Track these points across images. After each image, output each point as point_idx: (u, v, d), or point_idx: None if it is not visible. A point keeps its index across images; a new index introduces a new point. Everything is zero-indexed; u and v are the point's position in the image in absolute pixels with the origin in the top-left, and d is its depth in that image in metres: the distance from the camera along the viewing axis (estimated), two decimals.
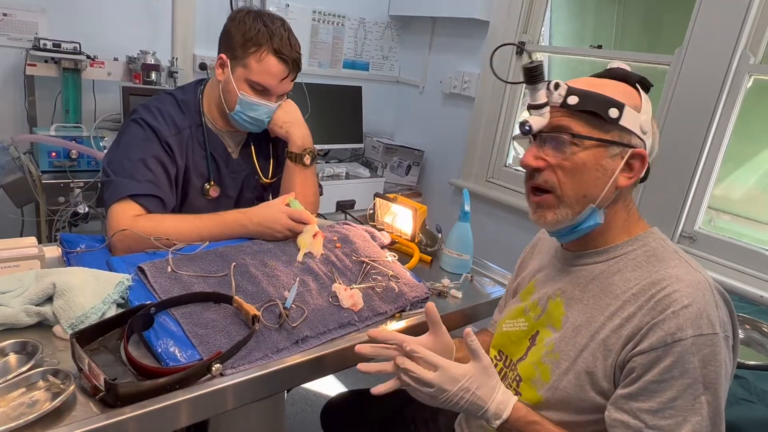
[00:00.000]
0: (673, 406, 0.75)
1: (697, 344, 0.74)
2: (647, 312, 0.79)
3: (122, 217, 1.21)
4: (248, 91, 1.32)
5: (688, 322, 0.75)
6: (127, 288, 1.01)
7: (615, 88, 0.85)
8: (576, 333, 0.87)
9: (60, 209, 1.84)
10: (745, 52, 1.84)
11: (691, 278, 0.79)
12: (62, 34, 2.04)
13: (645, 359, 0.77)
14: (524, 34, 2.60)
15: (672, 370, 0.75)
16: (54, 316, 0.92)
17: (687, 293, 0.77)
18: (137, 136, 1.29)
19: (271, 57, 1.29)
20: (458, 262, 1.42)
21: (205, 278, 1.09)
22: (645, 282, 0.82)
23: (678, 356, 0.74)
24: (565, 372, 0.86)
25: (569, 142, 0.83)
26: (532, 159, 0.86)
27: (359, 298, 1.12)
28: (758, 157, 2.05)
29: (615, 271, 0.87)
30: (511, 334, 1.01)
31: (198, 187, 1.40)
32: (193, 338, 0.92)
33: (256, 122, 1.37)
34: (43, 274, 0.97)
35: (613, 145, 0.83)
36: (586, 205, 0.85)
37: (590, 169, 0.83)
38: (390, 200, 1.49)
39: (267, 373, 0.90)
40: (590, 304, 0.88)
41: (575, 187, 0.84)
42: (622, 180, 0.84)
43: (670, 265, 0.82)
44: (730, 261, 1.90)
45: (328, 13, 2.87)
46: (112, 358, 0.85)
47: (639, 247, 0.87)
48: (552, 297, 0.95)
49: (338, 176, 2.78)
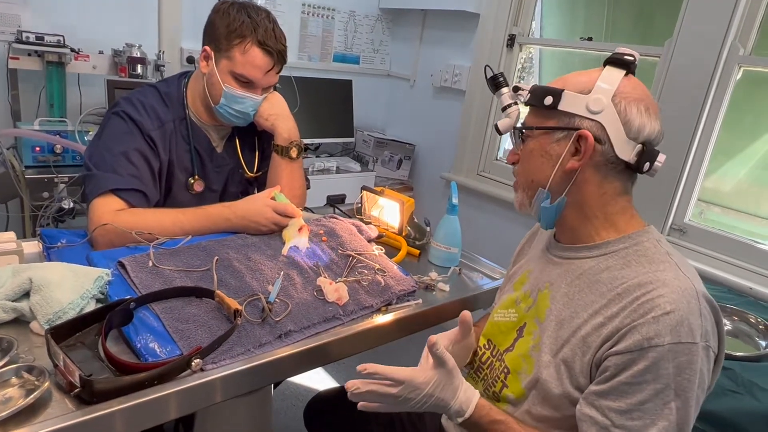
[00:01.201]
0: (642, 409, 0.75)
1: (674, 351, 0.74)
2: (629, 314, 0.78)
3: (104, 211, 1.19)
4: (233, 83, 1.30)
5: (668, 328, 0.74)
6: (107, 283, 0.99)
7: (580, 74, 0.87)
8: (559, 327, 0.87)
9: (44, 205, 1.81)
10: (735, 44, 1.83)
11: (678, 284, 0.78)
12: (46, 26, 2.01)
13: (620, 360, 0.76)
14: (515, 27, 2.58)
15: (645, 374, 0.74)
16: (31, 312, 0.90)
17: (671, 299, 0.75)
18: (119, 129, 1.27)
19: (255, 49, 1.27)
20: (446, 255, 1.41)
21: (187, 273, 1.07)
22: (631, 282, 0.81)
23: (652, 361, 0.74)
24: (547, 365, 0.86)
25: (519, 134, 0.92)
26: (510, 155, 0.96)
27: (344, 292, 1.11)
28: (748, 149, 2.05)
29: (603, 268, 0.86)
30: (500, 324, 1.01)
31: (182, 182, 1.38)
32: (174, 333, 0.91)
33: (241, 115, 1.35)
34: (20, 270, 0.95)
35: (556, 131, 0.85)
36: (536, 189, 0.89)
37: (536, 156, 0.88)
38: (377, 193, 1.47)
39: (250, 368, 0.89)
40: (575, 298, 0.87)
41: (524, 173, 0.92)
42: (570, 163, 0.84)
43: (659, 268, 0.81)
44: (719, 253, 1.90)
45: (318, 6, 2.84)
46: (89, 354, 0.83)
47: (631, 245, 0.85)
48: (541, 289, 0.95)
49: (329, 170, 2.76)
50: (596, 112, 0.82)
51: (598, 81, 0.83)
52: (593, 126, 0.82)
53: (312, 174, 2.68)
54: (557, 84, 0.87)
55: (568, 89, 0.84)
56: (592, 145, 0.82)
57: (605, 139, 0.82)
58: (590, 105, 0.82)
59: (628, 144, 0.82)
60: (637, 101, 0.82)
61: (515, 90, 0.97)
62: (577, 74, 0.88)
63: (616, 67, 0.84)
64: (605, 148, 0.82)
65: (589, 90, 0.83)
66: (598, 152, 0.83)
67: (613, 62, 0.85)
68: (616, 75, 0.83)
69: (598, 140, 0.82)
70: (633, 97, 0.82)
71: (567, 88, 0.85)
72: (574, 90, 0.84)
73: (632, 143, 0.82)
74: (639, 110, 0.82)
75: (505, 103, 1.00)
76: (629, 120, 0.81)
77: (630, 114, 0.81)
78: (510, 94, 0.99)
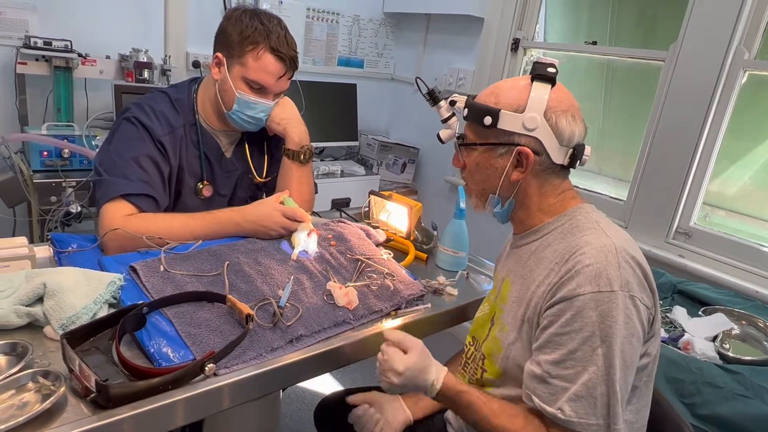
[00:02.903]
0: (574, 357, 0.83)
1: (596, 300, 0.82)
2: (558, 273, 0.87)
3: (114, 216, 1.19)
4: (246, 89, 1.31)
5: (587, 279, 0.83)
6: (119, 288, 1.00)
7: (511, 89, 0.94)
8: (518, 305, 0.96)
9: (52, 209, 1.82)
10: (740, 48, 1.83)
11: (599, 242, 0.87)
12: (53, 32, 2.02)
13: (551, 312, 0.86)
14: (519, 31, 2.59)
15: (572, 323, 0.83)
16: (45, 317, 0.91)
17: (591, 254, 0.85)
18: (130, 135, 1.28)
19: (268, 55, 1.28)
20: (454, 259, 1.41)
21: (198, 277, 1.08)
22: (565, 251, 0.90)
23: (577, 310, 0.82)
24: (514, 342, 0.95)
25: (461, 147, 1.00)
26: (454, 161, 1.03)
27: (354, 297, 1.12)
28: (752, 153, 2.05)
29: (546, 245, 0.95)
30: (478, 318, 1.10)
31: (191, 187, 1.38)
32: (186, 338, 0.91)
33: (253, 121, 1.36)
34: (33, 275, 0.96)
35: (498, 146, 0.94)
36: (487, 196, 0.99)
37: (483, 168, 0.97)
38: (385, 198, 1.48)
39: (261, 373, 0.90)
40: (528, 277, 0.96)
41: (474, 183, 1.01)
42: (515, 175, 0.94)
43: (586, 233, 0.90)
44: (725, 257, 1.90)
45: (323, 10, 2.85)
46: (103, 359, 0.84)
47: (566, 221, 0.95)
48: (504, 278, 1.04)
49: (333, 174, 2.76)
50: (532, 129, 0.91)
51: (529, 99, 0.91)
52: (530, 141, 0.92)
53: (317, 178, 2.68)
54: (490, 98, 0.95)
55: (504, 108, 0.92)
56: (532, 159, 0.91)
57: (542, 150, 0.92)
58: (526, 123, 0.91)
59: (561, 150, 0.93)
60: (564, 112, 0.91)
61: (451, 103, 1.07)
62: (508, 88, 0.95)
63: (543, 81, 0.92)
64: (542, 158, 0.93)
65: (523, 108, 0.91)
66: (536, 162, 0.93)
67: (538, 77, 0.92)
68: (544, 90, 0.91)
69: (536, 152, 0.92)
70: (561, 108, 0.91)
71: (501, 106, 0.92)
72: (509, 109, 0.92)
73: (564, 149, 0.93)
74: (567, 120, 0.91)
75: (445, 115, 1.10)
76: (561, 131, 0.91)
77: (561, 125, 0.91)
78: (447, 107, 1.10)
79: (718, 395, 1.13)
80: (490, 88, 0.97)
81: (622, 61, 2.35)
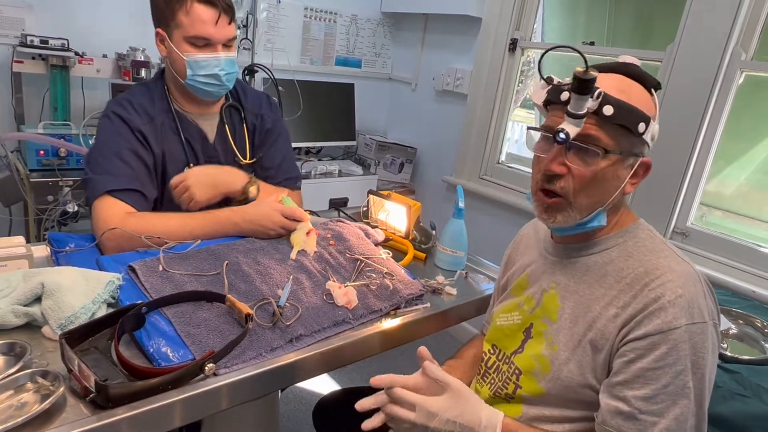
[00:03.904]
0: (666, 392, 0.78)
1: (690, 332, 0.78)
2: (641, 300, 0.81)
3: (108, 214, 1.19)
4: (192, 50, 1.29)
5: (682, 310, 0.78)
6: (118, 287, 0.99)
7: (640, 94, 0.85)
8: (573, 323, 0.89)
9: (49, 208, 1.81)
10: (737, 48, 1.84)
11: (682, 269, 0.83)
12: (50, 30, 2.01)
13: (640, 345, 0.80)
14: (516, 31, 2.59)
15: (666, 358, 0.78)
16: (43, 317, 0.90)
17: (680, 283, 0.80)
18: (109, 130, 1.28)
19: (197, 5, 1.26)
20: (453, 258, 1.41)
21: (197, 277, 1.08)
22: (638, 271, 0.85)
23: (673, 344, 0.78)
24: (566, 362, 0.88)
25: (599, 155, 0.82)
26: (556, 166, 0.85)
27: (354, 296, 1.12)
28: (749, 153, 2.06)
29: (607, 262, 0.89)
30: (504, 328, 1.02)
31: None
32: (186, 338, 0.91)
33: (212, 81, 1.32)
34: (31, 274, 0.95)
35: (630, 156, 0.85)
36: (595, 209, 0.87)
37: (608, 179, 0.85)
38: (384, 197, 1.48)
39: (261, 372, 0.89)
40: (586, 294, 0.90)
41: (590, 195, 0.85)
42: (628, 186, 0.88)
43: (660, 256, 0.86)
44: (722, 256, 1.91)
45: (320, 10, 2.85)
46: (102, 359, 0.83)
47: (629, 238, 0.90)
48: (546, 290, 0.96)
49: (331, 174, 2.76)
50: (653, 140, 0.87)
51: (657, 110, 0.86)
52: (648, 153, 0.88)
53: (314, 177, 2.68)
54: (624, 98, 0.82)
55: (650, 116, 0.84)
56: (649, 172, 0.87)
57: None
58: (655, 134, 0.86)
59: None
60: None
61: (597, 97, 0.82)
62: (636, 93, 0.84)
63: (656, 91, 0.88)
64: None
65: (654, 118, 0.85)
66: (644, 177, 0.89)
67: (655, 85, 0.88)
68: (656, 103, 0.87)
69: None
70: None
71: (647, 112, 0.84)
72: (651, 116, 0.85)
73: None
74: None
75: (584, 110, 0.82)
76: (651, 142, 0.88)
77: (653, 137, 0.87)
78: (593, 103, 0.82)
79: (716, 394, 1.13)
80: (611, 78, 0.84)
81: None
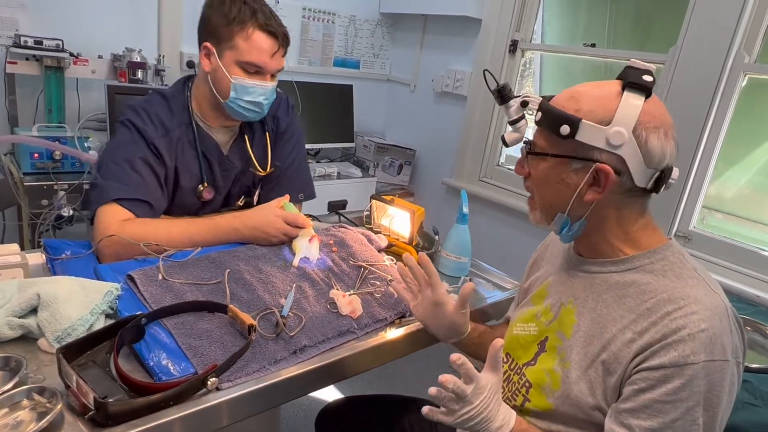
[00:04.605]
0: (673, 426, 0.75)
1: (708, 368, 0.74)
2: (660, 329, 0.77)
3: (109, 221, 1.16)
4: (241, 74, 1.26)
5: (703, 346, 0.74)
6: (116, 297, 0.96)
7: (595, 97, 0.81)
8: (588, 342, 0.86)
9: (43, 212, 1.78)
10: (740, 52, 1.83)
11: (710, 301, 0.78)
12: (44, 30, 1.97)
13: (652, 375, 0.76)
14: (517, 33, 2.58)
15: (679, 392, 0.74)
16: (39, 329, 0.87)
17: (704, 316, 0.75)
18: (124, 138, 1.25)
19: (258, 33, 1.23)
20: (456, 265, 1.39)
21: (198, 286, 1.05)
22: (660, 297, 0.80)
23: (687, 379, 0.74)
24: (577, 381, 0.85)
25: (529, 155, 0.88)
26: (517, 167, 0.92)
27: (358, 305, 1.09)
28: (750, 156, 2.05)
29: (630, 283, 0.85)
30: (520, 337, 0.99)
31: (189, 188, 1.34)
32: (187, 350, 0.88)
33: (254, 107, 1.30)
34: (26, 284, 0.92)
35: (574, 160, 0.82)
36: (555, 213, 0.88)
37: (552, 182, 0.86)
38: (387, 202, 1.45)
39: (265, 387, 0.87)
40: (603, 314, 0.86)
41: (542, 196, 0.89)
42: (589, 194, 0.82)
43: (688, 284, 0.80)
44: (725, 260, 1.90)
45: (319, 10, 2.82)
46: (101, 374, 0.81)
47: (657, 260, 0.84)
48: (564, 303, 0.93)
49: (330, 176, 2.74)
50: (616, 146, 0.79)
51: (617, 111, 0.79)
52: (612, 159, 0.80)
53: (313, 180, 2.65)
54: (569, 104, 0.82)
55: (585, 118, 0.79)
56: (612, 179, 0.80)
57: (624, 170, 0.80)
58: (611, 138, 0.78)
59: (647, 172, 0.81)
60: (656, 129, 0.79)
61: (523, 104, 0.93)
62: (593, 95, 0.82)
63: (636, 91, 0.80)
64: (624, 179, 0.81)
65: (609, 121, 0.79)
66: (616, 183, 0.81)
67: (632, 86, 0.80)
68: (637, 102, 0.79)
69: (617, 172, 0.80)
70: (653, 125, 0.79)
71: (583, 115, 0.80)
72: (591, 120, 0.79)
73: (651, 171, 0.81)
74: (659, 138, 0.80)
75: (514, 116, 0.94)
76: (650, 151, 0.79)
77: (651, 144, 0.79)
78: (517, 108, 0.94)
79: None
80: (570, 91, 0.85)
81: (620, 63, 2.34)
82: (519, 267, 1.18)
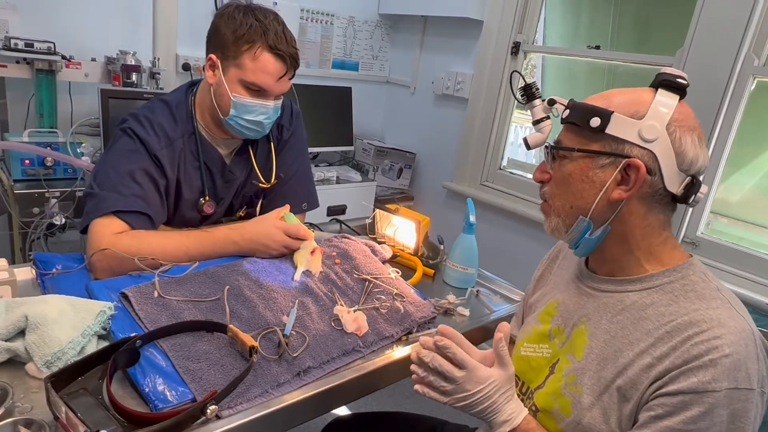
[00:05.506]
0: None
1: (731, 398, 0.69)
2: (681, 354, 0.72)
3: (103, 233, 1.10)
4: (243, 93, 1.21)
5: (726, 373, 0.69)
6: (109, 318, 0.91)
7: (625, 95, 0.80)
8: (601, 366, 0.81)
9: (34, 221, 1.72)
10: (749, 54, 1.79)
11: (735, 324, 0.73)
12: (35, 32, 1.91)
13: (670, 402, 0.72)
14: (519, 34, 2.53)
15: (698, 421, 0.70)
16: (27, 353, 0.82)
17: (729, 341, 0.71)
18: (126, 147, 1.19)
19: (266, 54, 1.18)
20: (463, 276, 1.35)
21: (195, 303, 1.00)
22: (682, 320, 0.75)
23: (708, 407, 0.69)
24: (589, 407, 0.80)
25: (555, 154, 0.84)
26: (538, 173, 0.89)
27: (363, 322, 1.04)
28: (756, 160, 2.01)
29: (648, 304, 0.80)
30: (530, 359, 0.94)
31: (190, 200, 1.29)
32: (185, 374, 0.83)
33: (254, 126, 1.25)
34: (14, 305, 0.87)
35: (600, 156, 0.79)
36: (576, 216, 0.83)
37: (576, 180, 0.82)
38: (391, 212, 1.41)
39: (267, 414, 0.82)
40: (618, 336, 0.81)
41: (562, 197, 0.85)
42: (616, 193, 0.79)
43: (711, 305, 0.76)
44: (733, 267, 1.86)
45: (317, 12, 2.77)
46: (93, 402, 0.76)
47: (677, 279, 0.80)
48: (577, 324, 0.88)
49: (329, 180, 2.69)
50: (649, 141, 0.76)
51: (651, 106, 0.77)
52: (644, 155, 0.77)
53: None
54: (599, 102, 0.81)
55: (618, 111, 0.78)
56: (643, 175, 0.77)
57: (656, 169, 0.77)
58: (643, 132, 0.77)
59: (678, 176, 0.78)
60: (690, 131, 0.77)
61: (550, 103, 0.93)
62: (622, 94, 0.81)
63: (670, 90, 0.78)
64: (654, 179, 0.78)
65: (642, 114, 0.77)
66: (646, 183, 0.78)
67: (667, 85, 0.79)
68: (671, 100, 0.78)
69: (648, 171, 0.77)
70: (687, 125, 0.77)
71: (614, 109, 0.78)
72: (624, 113, 0.78)
73: (682, 175, 0.78)
74: (693, 140, 0.77)
75: (538, 116, 0.95)
76: (683, 151, 0.77)
77: (685, 144, 0.77)
78: (543, 107, 0.95)
79: None
80: (599, 94, 0.83)
81: (624, 65, 2.30)
82: (521, 273, 1.14)
